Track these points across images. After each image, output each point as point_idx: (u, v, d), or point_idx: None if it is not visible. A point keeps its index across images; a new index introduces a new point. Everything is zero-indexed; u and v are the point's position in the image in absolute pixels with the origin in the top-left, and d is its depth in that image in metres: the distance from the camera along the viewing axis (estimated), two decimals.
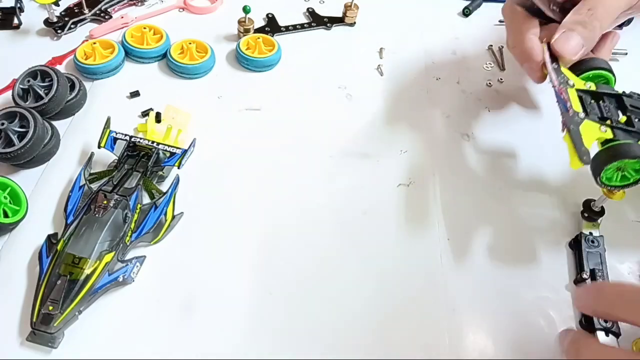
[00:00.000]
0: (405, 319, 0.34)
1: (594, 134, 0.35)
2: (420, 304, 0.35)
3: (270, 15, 0.58)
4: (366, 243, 0.38)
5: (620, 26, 0.53)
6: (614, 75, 0.42)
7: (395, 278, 0.36)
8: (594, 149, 0.34)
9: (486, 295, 0.36)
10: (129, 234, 0.36)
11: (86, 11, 0.55)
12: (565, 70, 0.39)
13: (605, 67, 0.41)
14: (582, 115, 0.35)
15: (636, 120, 0.37)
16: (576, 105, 0.36)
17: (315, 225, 0.39)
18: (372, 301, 0.35)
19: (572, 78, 0.38)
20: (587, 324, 0.34)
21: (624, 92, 0.39)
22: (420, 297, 0.35)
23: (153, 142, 0.41)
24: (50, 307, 0.31)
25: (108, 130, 0.41)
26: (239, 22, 0.54)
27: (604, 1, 0.38)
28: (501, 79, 0.53)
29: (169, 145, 0.41)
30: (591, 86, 0.38)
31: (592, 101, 0.38)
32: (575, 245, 0.38)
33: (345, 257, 0.37)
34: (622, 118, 0.37)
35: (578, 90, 0.37)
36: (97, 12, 0.55)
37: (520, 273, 0.37)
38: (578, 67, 0.41)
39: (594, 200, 0.39)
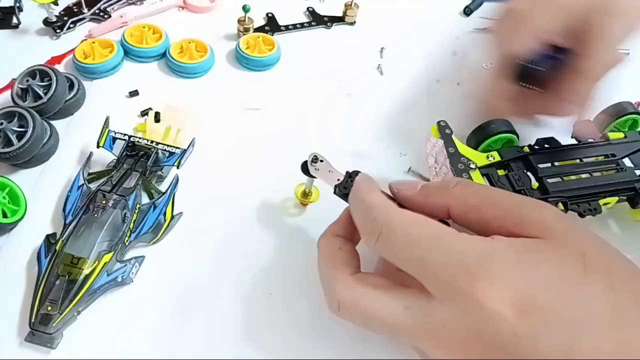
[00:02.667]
0: None
1: None
2: None
3: (270, 15, 0.57)
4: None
5: None
6: (516, 134, 0.40)
7: None
8: None
9: None
10: (128, 234, 0.36)
11: (85, 10, 0.55)
12: (463, 150, 0.37)
13: (506, 129, 0.39)
14: None
15: (548, 180, 0.36)
16: None
17: (315, 226, 0.39)
18: None
19: (473, 156, 0.36)
20: None
21: (529, 146, 0.38)
22: None
23: (152, 141, 0.41)
24: (49, 308, 0.31)
25: (107, 130, 0.41)
26: (239, 21, 0.54)
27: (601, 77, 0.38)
28: None
29: (168, 145, 0.41)
30: (494, 156, 0.37)
31: (500, 175, 0.36)
32: None
33: None
34: (534, 184, 0.36)
35: (481, 169, 0.36)
36: (96, 11, 0.55)
37: None
38: (481, 136, 0.40)
39: None
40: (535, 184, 0.36)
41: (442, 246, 0.25)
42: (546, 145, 0.38)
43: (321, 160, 0.33)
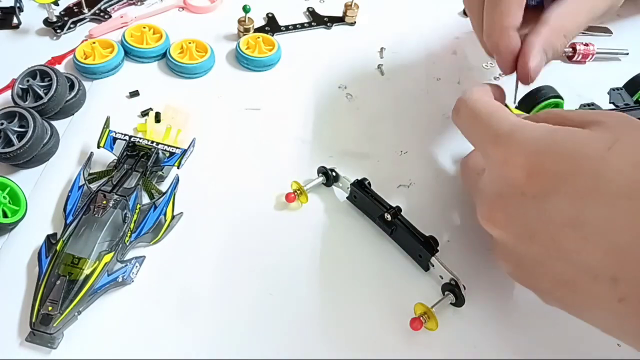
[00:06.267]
0: (406, 318, 0.34)
1: None
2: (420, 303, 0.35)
3: (270, 15, 0.57)
4: (366, 244, 0.38)
5: None
6: (562, 98, 0.42)
7: (395, 279, 0.36)
8: None
9: (487, 296, 0.36)
10: (129, 234, 0.36)
11: (86, 10, 0.55)
12: (516, 113, 0.37)
13: (554, 94, 0.41)
14: None
15: None
16: None
17: (315, 225, 0.39)
18: (372, 300, 0.35)
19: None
20: None
21: (582, 105, 0.40)
22: (420, 297, 0.35)
23: (152, 142, 0.41)
24: (50, 308, 0.31)
25: (107, 130, 0.41)
26: (239, 21, 0.54)
27: (578, 24, 0.36)
28: (501, 77, 0.53)
29: (168, 145, 0.41)
30: None
31: None
32: None
33: (345, 258, 0.37)
34: None
35: None
36: (97, 11, 0.55)
37: None
38: (531, 103, 0.41)
39: None
40: None
41: (489, 120, 0.30)
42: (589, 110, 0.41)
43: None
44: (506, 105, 0.37)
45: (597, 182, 0.25)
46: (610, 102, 0.45)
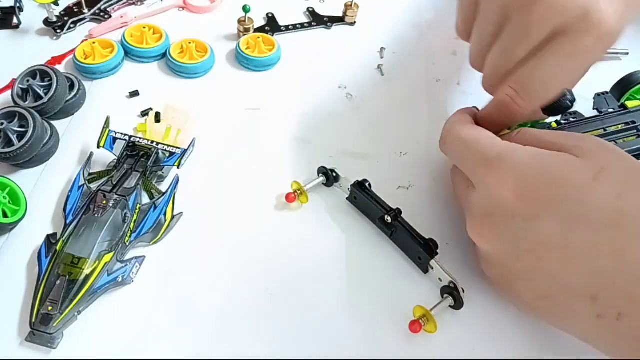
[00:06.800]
0: (405, 321, 0.34)
1: None
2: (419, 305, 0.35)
3: (270, 15, 0.57)
4: (366, 245, 0.38)
5: None
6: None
7: (394, 281, 0.36)
8: None
9: (486, 299, 0.36)
10: (129, 234, 0.36)
11: (85, 11, 0.55)
12: None
13: None
14: None
15: None
16: None
17: (315, 226, 0.39)
18: (371, 302, 0.35)
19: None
20: None
21: (556, 121, 0.41)
22: (419, 300, 0.35)
23: (152, 142, 0.41)
24: (50, 308, 0.31)
25: (107, 130, 0.41)
26: (239, 21, 0.54)
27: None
28: None
29: (168, 145, 0.41)
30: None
31: None
32: None
33: (345, 258, 0.37)
34: None
35: None
36: (97, 11, 0.55)
37: None
38: None
39: None
40: None
41: (476, 145, 0.32)
42: (572, 119, 0.41)
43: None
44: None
45: (584, 209, 0.27)
46: (594, 109, 0.44)
